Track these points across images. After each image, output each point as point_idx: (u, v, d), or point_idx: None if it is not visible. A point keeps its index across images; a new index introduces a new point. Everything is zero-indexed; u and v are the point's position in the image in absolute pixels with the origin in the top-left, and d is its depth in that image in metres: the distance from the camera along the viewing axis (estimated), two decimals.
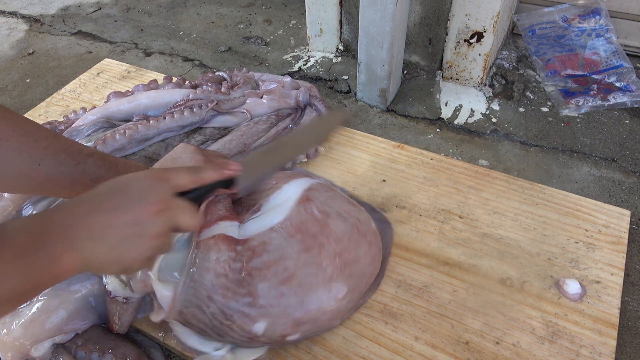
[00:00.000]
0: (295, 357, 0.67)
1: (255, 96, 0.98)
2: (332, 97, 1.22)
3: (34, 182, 0.60)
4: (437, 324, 0.70)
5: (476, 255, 0.78)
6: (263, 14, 1.61)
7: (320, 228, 0.69)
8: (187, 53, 1.44)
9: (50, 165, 0.60)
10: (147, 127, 0.87)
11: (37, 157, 0.59)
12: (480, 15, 1.09)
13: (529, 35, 1.30)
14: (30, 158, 0.58)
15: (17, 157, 0.58)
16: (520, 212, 0.84)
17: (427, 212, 0.85)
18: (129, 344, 0.69)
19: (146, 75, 1.24)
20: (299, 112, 1.00)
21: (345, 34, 1.33)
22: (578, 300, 0.72)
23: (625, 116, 1.12)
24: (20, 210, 0.79)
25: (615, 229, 0.81)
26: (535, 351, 0.67)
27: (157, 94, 0.98)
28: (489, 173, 0.91)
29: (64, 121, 0.98)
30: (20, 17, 1.69)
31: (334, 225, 0.70)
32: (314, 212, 0.70)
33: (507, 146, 1.06)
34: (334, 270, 0.68)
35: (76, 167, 0.62)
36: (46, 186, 0.62)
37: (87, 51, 1.48)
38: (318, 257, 0.67)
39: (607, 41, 1.23)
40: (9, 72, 1.41)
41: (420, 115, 1.15)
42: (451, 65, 1.21)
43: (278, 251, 0.66)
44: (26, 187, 0.63)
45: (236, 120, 0.95)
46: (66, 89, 1.22)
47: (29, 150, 0.58)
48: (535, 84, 1.22)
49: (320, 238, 0.68)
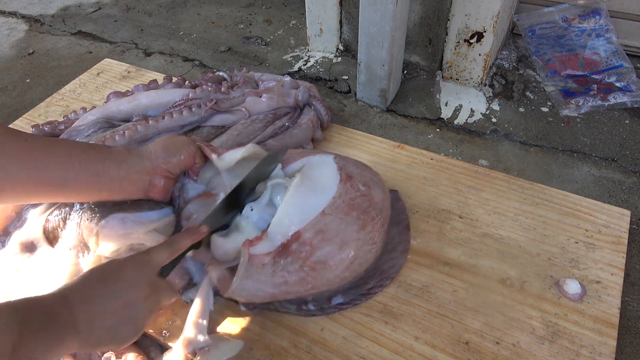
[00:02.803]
0: (296, 357, 0.67)
1: (255, 95, 0.98)
2: (332, 97, 1.22)
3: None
4: (437, 324, 0.70)
5: (476, 255, 0.78)
6: (263, 14, 1.61)
7: (369, 202, 0.70)
8: (187, 53, 1.44)
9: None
10: (146, 127, 0.87)
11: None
12: (480, 15, 1.09)
13: (529, 35, 1.30)
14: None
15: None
16: (520, 212, 0.84)
17: (427, 212, 0.85)
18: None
19: (146, 76, 1.24)
20: (298, 111, 1.00)
21: (345, 34, 1.33)
22: (578, 300, 0.72)
23: (625, 116, 1.12)
24: (20, 212, 0.79)
25: (615, 229, 0.81)
26: (535, 351, 0.67)
27: (156, 94, 0.98)
28: (489, 173, 0.91)
29: (64, 121, 0.98)
30: (20, 17, 1.69)
31: (376, 196, 0.72)
32: (360, 186, 0.71)
33: (507, 146, 1.06)
34: (382, 242, 0.71)
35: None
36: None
37: (87, 51, 1.48)
38: (372, 232, 0.69)
39: (607, 41, 1.23)
40: (9, 72, 1.41)
41: (420, 115, 1.15)
42: (451, 65, 1.21)
43: (339, 236, 0.66)
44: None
45: (234, 118, 0.95)
46: (66, 89, 1.22)
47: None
48: (535, 84, 1.22)
49: (371, 212, 0.70)
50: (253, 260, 0.65)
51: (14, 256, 0.75)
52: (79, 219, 0.73)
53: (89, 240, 0.72)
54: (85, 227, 0.72)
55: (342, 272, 0.66)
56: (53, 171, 0.61)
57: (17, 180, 0.59)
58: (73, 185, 0.64)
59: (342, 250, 0.65)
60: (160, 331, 0.71)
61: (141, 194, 0.72)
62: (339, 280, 0.67)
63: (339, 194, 0.69)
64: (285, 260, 0.65)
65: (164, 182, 0.73)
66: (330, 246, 0.65)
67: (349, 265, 0.66)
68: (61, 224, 0.74)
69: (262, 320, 0.72)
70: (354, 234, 0.67)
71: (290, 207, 0.68)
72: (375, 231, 0.69)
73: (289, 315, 0.72)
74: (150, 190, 0.72)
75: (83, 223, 0.72)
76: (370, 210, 0.69)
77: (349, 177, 0.72)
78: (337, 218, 0.66)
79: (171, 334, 0.70)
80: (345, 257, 0.65)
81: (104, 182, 0.66)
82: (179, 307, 0.73)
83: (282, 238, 0.66)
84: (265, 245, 0.66)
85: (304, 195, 0.70)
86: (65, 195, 0.66)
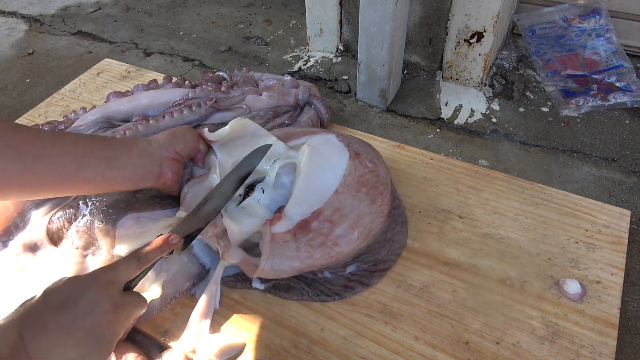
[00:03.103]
0: (296, 357, 0.67)
1: (255, 93, 0.98)
2: (332, 97, 1.22)
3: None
4: (437, 324, 0.70)
5: (476, 255, 0.78)
6: (263, 14, 1.61)
7: (377, 178, 0.75)
8: (187, 53, 1.44)
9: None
10: (146, 127, 0.87)
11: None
12: (480, 15, 1.09)
13: (529, 35, 1.30)
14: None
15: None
16: (520, 212, 0.84)
17: (427, 212, 0.85)
18: (128, 344, 0.69)
19: (146, 75, 1.24)
20: (298, 110, 1.00)
21: (345, 34, 1.33)
22: (578, 300, 0.72)
23: (626, 116, 1.12)
24: (23, 213, 0.79)
25: (616, 229, 0.81)
26: (535, 351, 0.67)
27: (156, 93, 0.98)
28: (489, 173, 0.91)
29: (64, 121, 0.98)
30: (20, 17, 1.69)
31: (382, 171, 0.76)
32: (367, 163, 0.75)
33: (507, 146, 1.06)
34: (389, 211, 0.74)
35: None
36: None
37: (87, 51, 1.48)
38: (382, 205, 0.73)
39: (607, 41, 1.23)
40: (8, 72, 1.41)
41: (420, 115, 1.15)
42: (451, 65, 1.21)
43: (354, 212, 0.70)
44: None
45: (235, 116, 0.95)
46: (66, 89, 1.22)
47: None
48: (535, 84, 1.22)
49: (379, 187, 0.74)
50: (275, 239, 0.68)
51: (16, 257, 0.74)
52: (91, 221, 0.73)
53: (103, 242, 0.72)
54: (99, 229, 0.72)
55: (359, 243, 0.71)
56: (64, 161, 0.60)
57: (31, 172, 0.57)
58: (87, 173, 0.63)
59: (359, 224, 0.70)
60: (160, 331, 0.71)
61: (154, 181, 0.72)
62: (357, 251, 0.72)
63: (349, 172, 0.74)
64: (307, 237, 0.69)
65: (175, 167, 0.74)
66: (348, 221, 0.70)
67: (366, 237, 0.71)
68: (66, 225, 0.74)
69: (262, 320, 0.72)
70: (366, 209, 0.71)
71: (304, 186, 0.72)
72: (384, 204, 0.74)
73: (290, 315, 0.72)
74: (162, 176, 0.72)
75: (97, 225, 0.72)
76: (378, 185, 0.74)
77: (357, 154, 0.76)
78: (350, 195, 0.71)
79: (171, 334, 0.70)
80: (363, 230, 0.70)
81: (116, 167, 0.65)
82: (179, 307, 0.73)
83: (300, 216, 0.70)
84: (284, 224, 0.70)
85: (316, 174, 0.73)
86: (80, 186, 0.64)
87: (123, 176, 0.67)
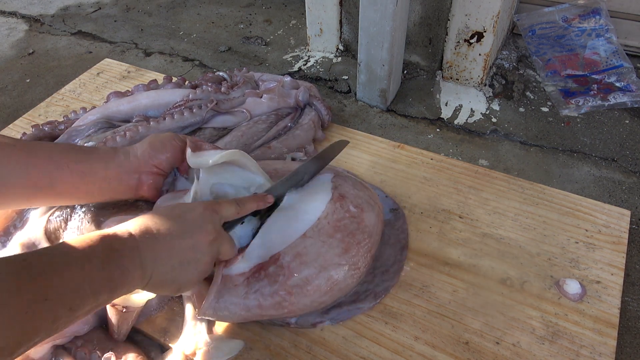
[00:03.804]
0: (296, 357, 0.67)
1: (255, 95, 0.98)
2: (332, 97, 1.22)
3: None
4: (437, 324, 0.70)
5: (476, 255, 0.78)
6: (263, 14, 1.61)
7: (357, 225, 0.67)
8: (187, 53, 1.44)
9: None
10: (147, 129, 0.87)
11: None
12: (480, 15, 1.09)
13: (529, 35, 1.30)
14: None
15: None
16: (520, 212, 0.84)
17: (427, 212, 0.85)
18: (129, 345, 0.69)
19: (146, 75, 1.24)
20: (299, 111, 1.00)
21: (345, 34, 1.33)
22: (578, 300, 0.72)
23: (625, 116, 1.12)
24: (22, 212, 0.79)
25: (616, 229, 0.81)
26: (535, 351, 0.67)
27: (156, 94, 0.98)
28: (489, 173, 0.91)
29: (64, 121, 0.98)
30: (20, 17, 1.69)
31: (367, 219, 0.69)
32: (350, 208, 0.68)
33: (507, 146, 1.06)
34: (366, 267, 0.68)
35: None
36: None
37: (87, 51, 1.48)
38: (356, 256, 0.67)
39: (607, 41, 1.23)
40: (8, 72, 1.41)
41: (420, 115, 1.15)
42: (451, 65, 1.21)
43: (319, 259, 0.63)
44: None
45: (236, 120, 0.95)
46: (66, 89, 1.22)
47: None
48: (535, 84, 1.22)
49: (357, 235, 0.67)
50: (226, 281, 0.63)
51: None
52: (80, 222, 0.73)
53: None
54: (86, 230, 0.72)
55: (319, 297, 0.63)
56: (37, 175, 0.61)
57: (9, 185, 0.59)
58: (60, 187, 0.63)
59: (321, 275, 0.63)
60: (160, 331, 0.71)
61: (132, 193, 0.71)
62: (317, 305, 0.65)
63: (326, 214, 0.66)
64: (259, 283, 0.63)
65: (153, 179, 0.71)
66: (308, 270, 0.63)
67: (328, 290, 0.64)
68: (62, 225, 0.75)
69: (262, 320, 0.72)
70: (335, 258, 0.64)
71: (271, 227, 0.66)
72: (360, 256, 0.66)
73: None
74: (139, 189, 0.71)
75: (84, 226, 0.72)
76: (357, 233, 0.66)
77: (341, 196, 0.69)
78: (319, 241, 0.64)
79: (171, 334, 0.70)
80: (324, 282, 0.63)
81: (91, 182, 0.65)
82: (179, 306, 0.73)
83: (258, 259, 0.65)
84: (240, 266, 0.64)
85: (288, 215, 0.68)
86: (56, 199, 0.66)
87: (99, 190, 0.67)
